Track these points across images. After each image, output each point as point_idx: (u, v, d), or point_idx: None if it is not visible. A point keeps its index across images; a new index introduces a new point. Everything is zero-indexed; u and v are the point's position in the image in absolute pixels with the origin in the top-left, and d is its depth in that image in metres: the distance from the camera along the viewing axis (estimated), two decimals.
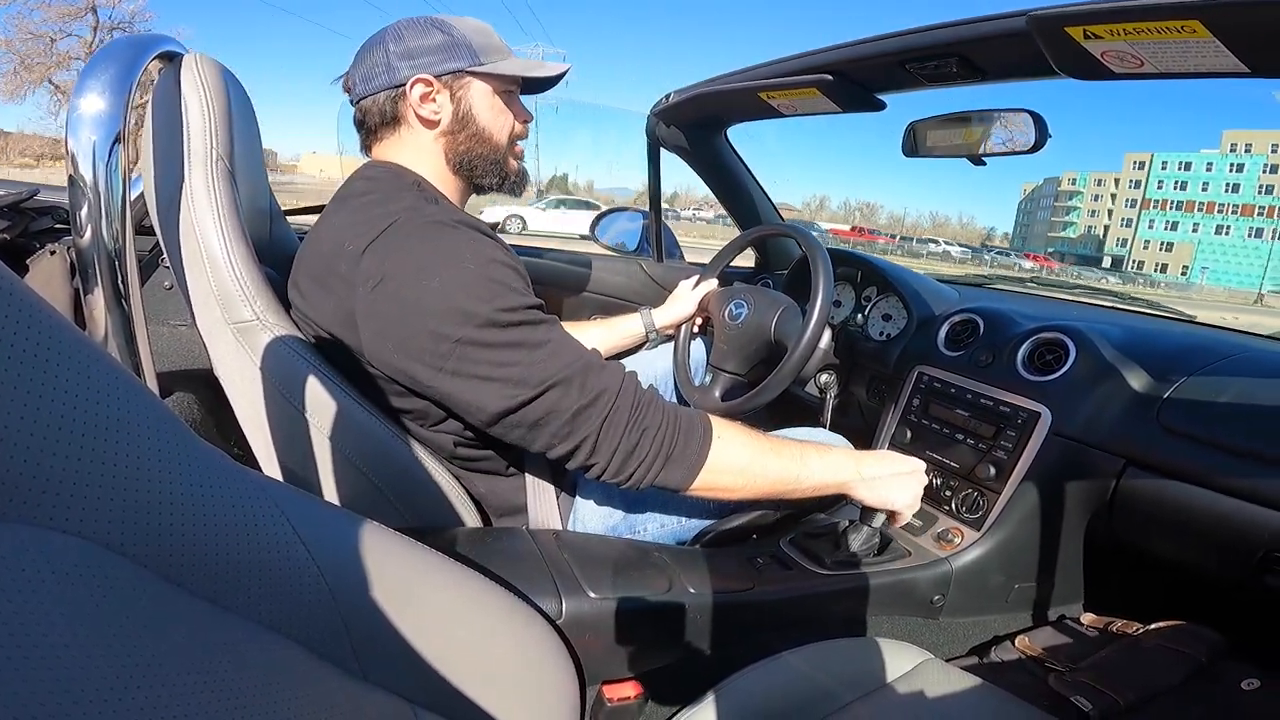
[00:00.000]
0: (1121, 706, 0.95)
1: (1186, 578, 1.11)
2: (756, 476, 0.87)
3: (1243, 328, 1.41)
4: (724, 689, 0.67)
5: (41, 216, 1.46)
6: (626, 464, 0.81)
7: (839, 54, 1.19)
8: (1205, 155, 68.53)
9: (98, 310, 0.75)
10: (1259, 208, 65.43)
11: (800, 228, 1.38)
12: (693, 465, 0.83)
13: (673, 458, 0.82)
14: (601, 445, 0.80)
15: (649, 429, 0.81)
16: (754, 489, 0.88)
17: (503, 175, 0.99)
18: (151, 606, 0.29)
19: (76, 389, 0.29)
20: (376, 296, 0.78)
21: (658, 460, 0.81)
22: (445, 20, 0.92)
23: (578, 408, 0.78)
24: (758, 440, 0.89)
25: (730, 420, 0.89)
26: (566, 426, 0.79)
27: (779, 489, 0.90)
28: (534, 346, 0.78)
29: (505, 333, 0.77)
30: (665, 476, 0.82)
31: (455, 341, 0.76)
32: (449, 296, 0.76)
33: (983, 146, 1.26)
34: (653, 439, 0.81)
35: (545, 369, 0.78)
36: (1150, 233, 71.00)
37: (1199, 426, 0.94)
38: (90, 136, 0.69)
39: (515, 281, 0.81)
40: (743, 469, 0.86)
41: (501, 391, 0.78)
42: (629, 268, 1.91)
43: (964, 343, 1.27)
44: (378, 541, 0.48)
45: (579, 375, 0.79)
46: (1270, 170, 65.45)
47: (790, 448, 0.91)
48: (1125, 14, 0.76)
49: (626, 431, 0.80)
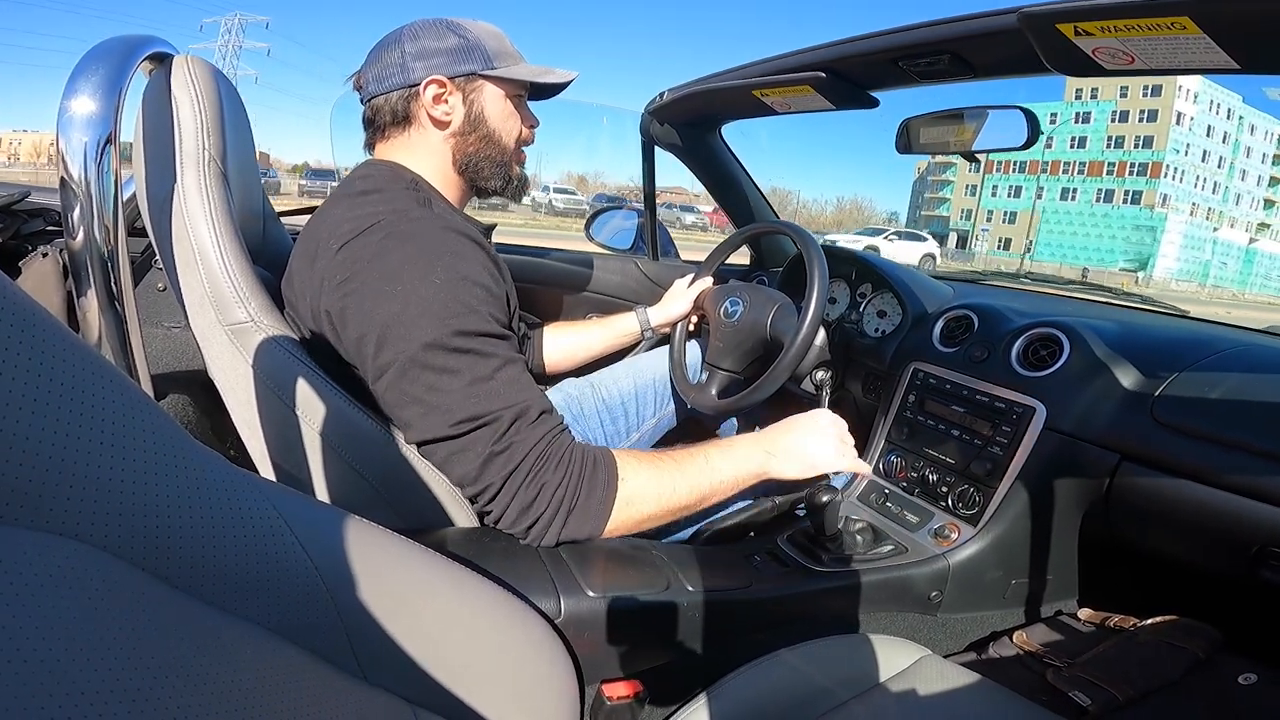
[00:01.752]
0: (1120, 701, 0.95)
1: (1182, 572, 1.12)
2: (669, 502, 0.86)
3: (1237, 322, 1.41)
4: (720, 688, 0.68)
5: (33, 219, 1.45)
6: (522, 518, 0.78)
7: (832, 51, 1.19)
8: (1050, 106, 56.22)
9: (91, 313, 0.75)
10: (1108, 164, 53.78)
11: (796, 226, 1.38)
12: (597, 517, 0.81)
13: (574, 512, 0.79)
14: (500, 497, 0.78)
15: (546, 485, 0.78)
16: (671, 513, 0.87)
17: (507, 179, 1.01)
18: (149, 609, 0.29)
19: (71, 393, 0.28)
20: (339, 295, 0.79)
21: (558, 517, 0.79)
22: (460, 23, 0.93)
23: (489, 454, 0.76)
24: (660, 464, 0.87)
25: (635, 454, 0.87)
26: (476, 470, 0.77)
27: (697, 503, 0.89)
28: (473, 380, 0.77)
29: (449, 358, 0.76)
30: (570, 531, 0.80)
31: (398, 353, 0.76)
32: (403, 308, 0.76)
33: (975, 143, 1.27)
34: (552, 496, 0.78)
35: (476, 406, 0.76)
36: (993, 201, 59.74)
37: (1192, 421, 0.94)
38: (81, 138, 0.69)
39: (482, 305, 0.80)
40: (654, 499, 0.84)
41: (427, 418, 0.77)
42: (624, 266, 1.91)
43: (959, 339, 1.27)
44: (376, 542, 0.48)
45: (506, 421, 0.77)
46: (1119, 118, 53.42)
47: (694, 459, 0.90)
48: (1116, 10, 0.76)
49: (525, 486, 0.77)
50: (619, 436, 1.40)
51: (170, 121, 0.83)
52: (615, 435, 1.39)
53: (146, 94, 0.89)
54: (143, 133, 0.89)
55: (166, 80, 0.84)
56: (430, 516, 0.88)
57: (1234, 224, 57.75)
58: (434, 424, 0.76)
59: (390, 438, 0.85)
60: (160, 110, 0.84)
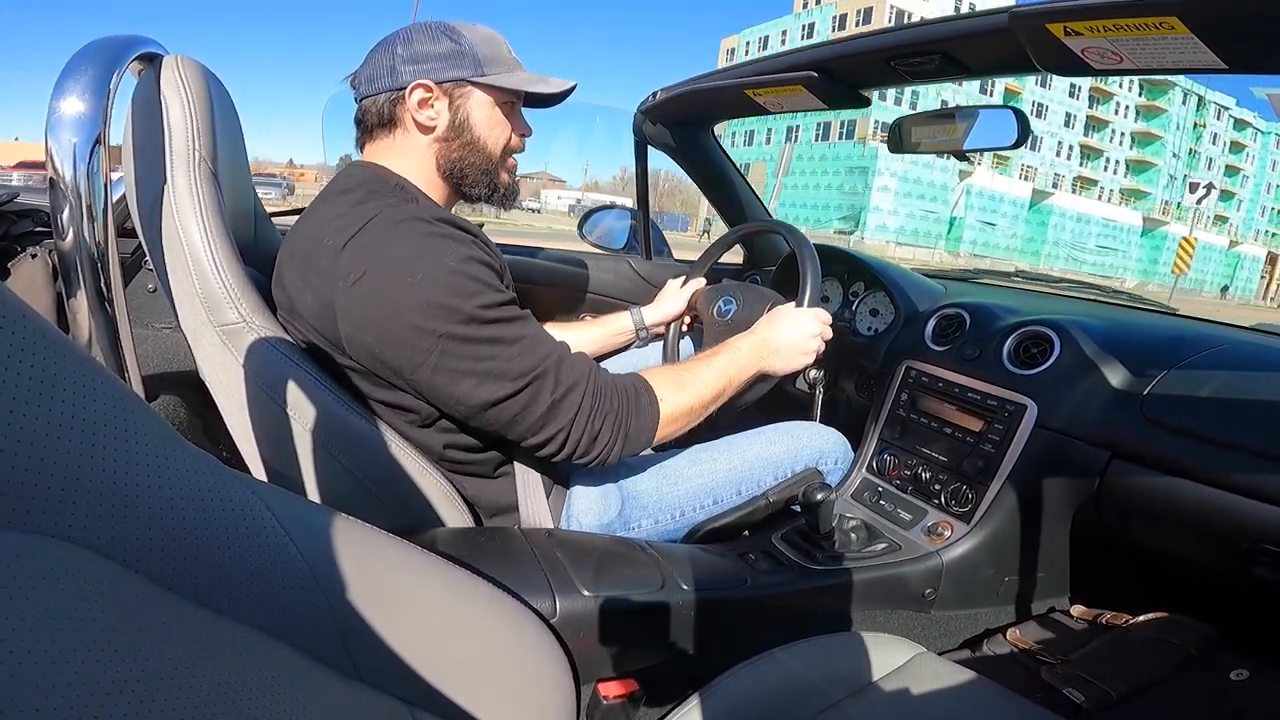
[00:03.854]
0: (1113, 698, 0.96)
1: (1174, 569, 1.12)
2: (696, 407, 0.98)
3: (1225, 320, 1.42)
4: (714, 688, 0.68)
5: (22, 219, 1.44)
6: (592, 448, 0.88)
7: (825, 51, 1.19)
8: (780, 23, 48.52)
9: (81, 314, 0.74)
10: None
11: (788, 225, 1.38)
12: (649, 432, 0.92)
13: (630, 432, 0.90)
14: (572, 435, 0.86)
15: (609, 414, 0.88)
16: (699, 416, 0.99)
17: (492, 187, 0.99)
18: (142, 611, 0.29)
19: (62, 394, 0.28)
20: (357, 291, 0.79)
21: (617, 438, 0.89)
22: (456, 28, 0.92)
23: (553, 400, 0.84)
24: (682, 377, 0.99)
25: (660, 372, 0.98)
26: (542, 419, 0.84)
27: (714, 401, 1.01)
28: (512, 342, 0.82)
29: (486, 329, 0.81)
30: (628, 449, 0.91)
31: (438, 337, 0.78)
32: (430, 292, 0.78)
33: (965, 142, 1.28)
34: (614, 424, 0.88)
35: (524, 362, 0.82)
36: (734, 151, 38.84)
37: (1182, 418, 0.95)
38: (70, 138, 0.69)
39: (493, 279, 0.84)
40: (686, 409, 0.96)
41: (482, 385, 0.81)
42: (618, 266, 1.91)
43: (951, 337, 1.28)
44: (370, 543, 0.48)
45: (554, 368, 0.84)
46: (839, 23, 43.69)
47: (709, 366, 1.02)
48: (1105, 11, 0.77)
49: (590, 420, 0.86)
50: None
51: (160, 122, 0.82)
52: None
53: (136, 94, 0.88)
54: (132, 133, 0.89)
55: (156, 80, 0.83)
56: (423, 516, 0.88)
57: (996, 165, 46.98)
58: (494, 388, 0.81)
59: (383, 438, 0.85)
60: (150, 110, 0.84)
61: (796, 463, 1.13)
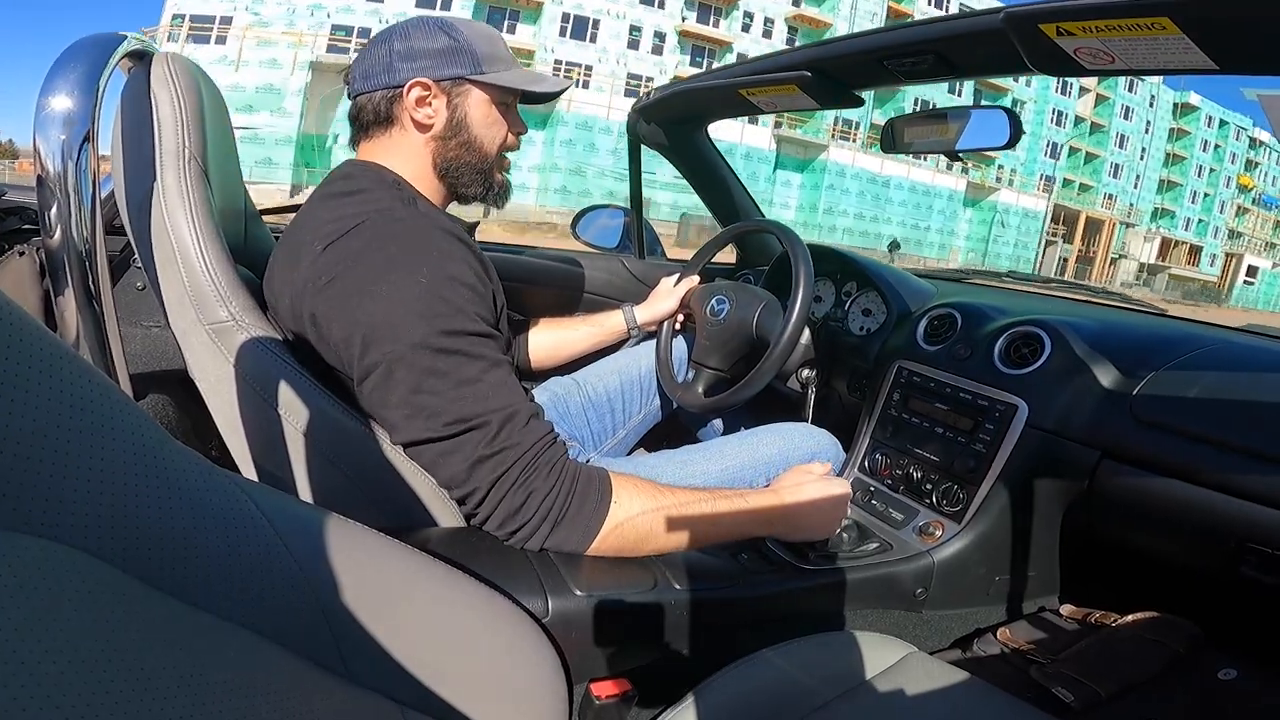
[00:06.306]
0: (1102, 697, 0.96)
1: (1163, 569, 1.13)
2: (661, 538, 0.84)
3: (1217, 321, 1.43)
4: (706, 688, 0.68)
5: (9, 217, 1.43)
6: (511, 522, 0.78)
7: (818, 51, 1.20)
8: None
9: (69, 312, 0.74)
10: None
11: (782, 225, 1.38)
12: (585, 533, 0.80)
13: (561, 523, 0.78)
14: (489, 500, 0.77)
15: (540, 493, 0.77)
16: (661, 549, 0.86)
17: (488, 185, 0.99)
18: (130, 610, 0.29)
19: (50, 393, 0.28)
20: (323, 295, 0.78)
21: (544, 525, 0.78)
22: (453, 24, 0.91)
23: (479, 456, 0.76)
24: (660, 498, 0.85)
25: (635, 481, 0.85)
26: (464, 473, 0.76)
27: (690, 545, 0.87)
28: (460, 382, 0.76)
29: (436, 359, 0.75)
30: (555, 542, 0.79)
31: (384, 355, 0.75)
32: (389, 309, 0.75)
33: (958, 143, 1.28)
34: (542, 505, 0.77)
35: (462, 408, 0.75)
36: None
37: (1171, 418, 0.95)
38: (59, 136, 0.68)
39: (468, 304, 0.79)
40: (646, 530, 0.83)
41: (411, 420, 0.76)
42: (611, 265, 1.91)
43: (942, 337, 1.28)
44: (361, 542, 0.48)
45: (497, 424, 0.76)
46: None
47: (700, 503, 0.87)
48: (1097, 11, 0.77)
49: (513, 491, 0.77)
50: (605, 434, 1.40)
51: (149, 119, 0.82)
52: (601, 432, 1.39)
53: (125, 91, 0.87)
54: (121, 130, 0.88)
55: (146, 77, 0.83)
56: (415, 516, 0.87)
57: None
58: (421, 426, 0.76)
59: (374, 437, 0.85)
60: (139, 108, 0.83)
61: (788, 463, 1.13)
